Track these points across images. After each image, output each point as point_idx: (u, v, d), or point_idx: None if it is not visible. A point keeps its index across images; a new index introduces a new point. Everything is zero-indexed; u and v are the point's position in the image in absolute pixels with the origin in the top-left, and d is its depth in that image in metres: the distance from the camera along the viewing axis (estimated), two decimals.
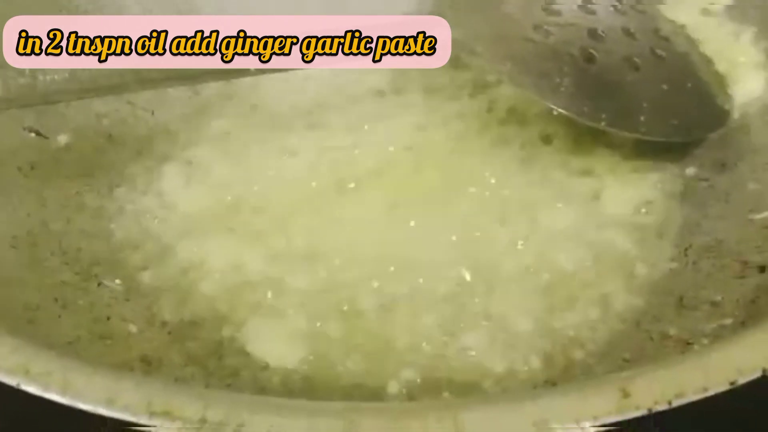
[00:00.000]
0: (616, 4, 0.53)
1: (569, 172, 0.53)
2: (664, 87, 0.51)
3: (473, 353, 0.45)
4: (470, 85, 0.57)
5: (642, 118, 0.49)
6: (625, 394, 0.30)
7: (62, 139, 0.53)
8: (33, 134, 0.52)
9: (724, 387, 0.31)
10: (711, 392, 0.31)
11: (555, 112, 0.50)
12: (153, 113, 0.57)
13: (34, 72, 0.44)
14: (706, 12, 0.57)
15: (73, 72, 0.44)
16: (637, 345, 0.44)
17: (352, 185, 0.53)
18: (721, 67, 0.54)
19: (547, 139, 0.54)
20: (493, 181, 0.53)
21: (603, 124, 0.49)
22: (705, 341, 0.41)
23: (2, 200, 0.48)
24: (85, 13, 0.56)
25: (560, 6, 0.52)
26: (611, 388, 0.31)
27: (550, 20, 0.51)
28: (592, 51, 0.50)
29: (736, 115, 0.53)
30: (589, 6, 0.52)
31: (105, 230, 0.51)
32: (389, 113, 0.57)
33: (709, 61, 0.54)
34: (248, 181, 0.53)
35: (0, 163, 0.50)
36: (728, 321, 0.42)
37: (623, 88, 0.50)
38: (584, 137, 0.53)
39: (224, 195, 0.53)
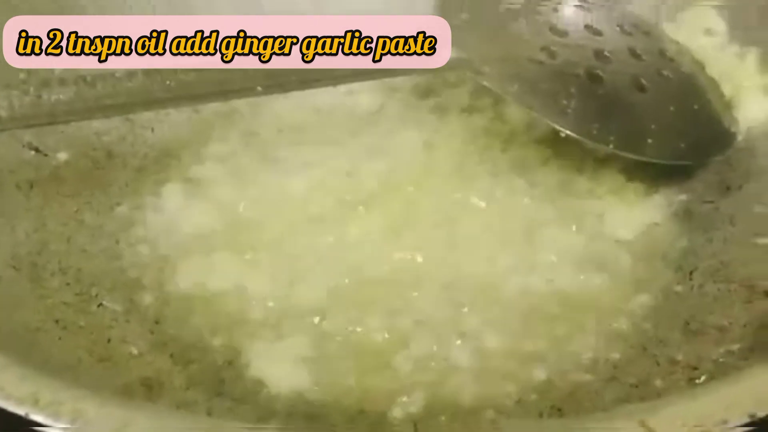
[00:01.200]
0: (622, 24, 0.53)
1: (573, 193, 0.53)
2: (671, 108, 0.51)
3: (475, 378, 0.45)
4: (476, 104, 0.57)
5: (649, 141, 0.49)
6: (648, 430, 0.30)
7: (62, 156, 0.53)
8: (32, 151, 0.51)
9: (744, 420, 0.31)
10: (731, 425, 0.31)
11: (562, 134, 0.50)
12: (153, 131, 0.57)
13: (38, 91, 0.43)
14: (709, 32, 0.56)
15: (78, 92, 0.44)
16: (643, 370, 0.44)
17: (354, 205, 0.52)
18: (725, 89, 0.54)
19: (551, 161, 0.54)
20: (496, 201, 0.52)
21: (611, 146, 0.49)
22: (712, 367, 0.41)
23: (1, 220, 0.48)
24: None
25: (567, 27, 0.51)
26: (631, 421, 0.30)
27: (557, 41, 0.51)
28: (598, 72, 0.50)
29: (740, 137, 0.53)
30: (595, 27, 0.52)
31: (105, 250, 0.50)
32: (393, 131, 0.56)
33: (714, 83, 0.54)
34: (250, 200, 0.53)
35: None
36: (736, 347, 0.41)
37: (630, 109, 0.50)
38: (588, 159, 0.53)
39: (226, 215, 0.52)
